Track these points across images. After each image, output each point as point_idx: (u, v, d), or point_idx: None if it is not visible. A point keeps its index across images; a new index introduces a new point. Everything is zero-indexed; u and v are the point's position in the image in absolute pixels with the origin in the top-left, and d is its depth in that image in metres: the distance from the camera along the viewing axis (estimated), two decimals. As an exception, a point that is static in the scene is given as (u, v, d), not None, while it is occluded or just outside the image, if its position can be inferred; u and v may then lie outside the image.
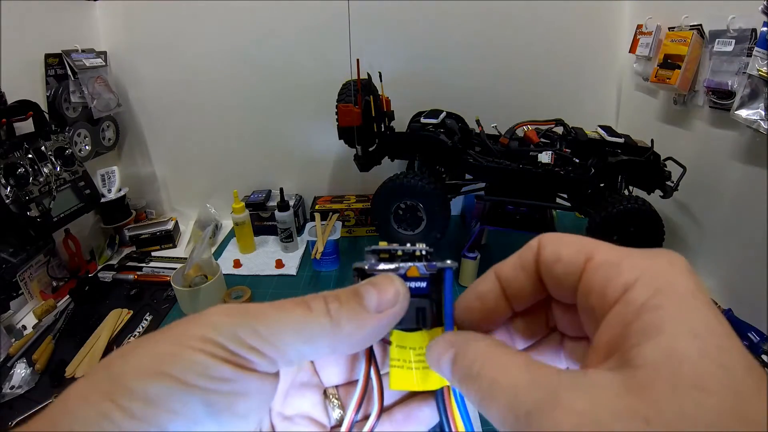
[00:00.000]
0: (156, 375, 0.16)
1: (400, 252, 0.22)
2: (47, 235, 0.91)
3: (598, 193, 0.86)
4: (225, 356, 0.17)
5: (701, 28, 0.82)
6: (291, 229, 1.10)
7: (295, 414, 0.22)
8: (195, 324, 0.17)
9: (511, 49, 1.13)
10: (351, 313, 0.19)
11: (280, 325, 0.18)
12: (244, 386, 0.17)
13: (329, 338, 0.19)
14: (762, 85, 0.67)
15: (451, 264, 0.21)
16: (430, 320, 0.22)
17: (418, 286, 0.21)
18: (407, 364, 0.21)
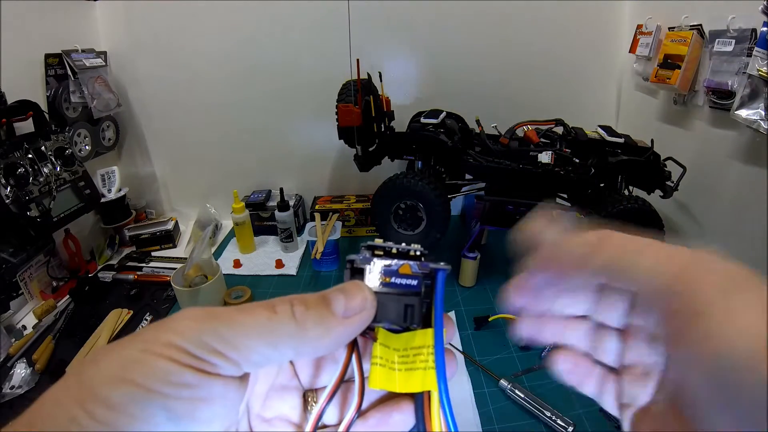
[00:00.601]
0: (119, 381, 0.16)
1: (395, 250, 0.22)
2: (47, 235, 0.91)
3: (598, 193, 0.86)
4: (188, 361, 0.17)
5: (701, 28, 0.82)
6: (291, 229, 1.10)
7: (274, 416, 0.22)
8: (162, 329, 0.18)
9: (511, 48, 1.13)
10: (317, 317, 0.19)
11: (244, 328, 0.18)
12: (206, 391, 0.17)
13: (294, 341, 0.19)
14: (762, 85, 0.67)
15: (445, 266, 0.22)
16: (418, 318, 0.22)
17: (409, 283, 0.22)
18: (390, 364, 0.21)
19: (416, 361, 0.21)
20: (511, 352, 0.79)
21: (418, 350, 0.22)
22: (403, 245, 0.23)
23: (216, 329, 0.18)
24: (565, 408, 0.66)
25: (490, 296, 0.93)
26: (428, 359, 0.21)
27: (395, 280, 0.22)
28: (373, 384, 0.21)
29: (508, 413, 0.67)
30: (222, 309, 0.19)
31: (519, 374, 0.73)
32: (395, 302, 0.22)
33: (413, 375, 0.21)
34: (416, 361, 0.21)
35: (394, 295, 0.22)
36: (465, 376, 0.73)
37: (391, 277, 0.22)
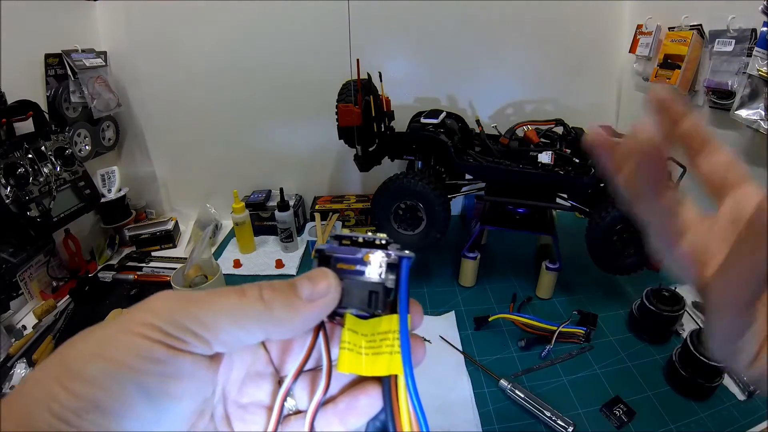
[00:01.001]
0: (95, 357, 0.17)
1: (362, 240, 0.23)
2: (47, 235, 0.91)
3: (598, 193, 0.86)
4: (160, 338, 0.18)
5: (701, 28, 0.82)
6: (291, 229, 1.10)
7: (249, 402, 0.23)
8: (137, 310, 0.19)
9: (511, 48, 1.13)
10: (284, 299, 0.20)
11: (214, 308, 0.19)
12: (177, 368, 0.19)
13: (262, 322, 0.20)
14: (762, 85, 0.67)
15: (409, 254, 0.23)
16: (382, 304, 0.22)
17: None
18: (357, 349, 0.22)
19: (382, 346, 0.22)
20: (511, 352, 0.79)
21: (384, 335, 0.22)
22: (369, 234, 0.23)
23: (188, 309, 0.19)
24: (565, 408, 0.66)
25: (490, 296, 0.93)
26: (394, 344, 0.22)
27: (360, 268, 0.23)
28: (341, 368, 0.22)
29: (508, 413, 0.67)
30: (195, 293, 0.20)
31: (519, 374, 0.73)
32: (360, 289, 0.22)
33: (379, 359, 0.22)
34: (382, 346, 0.22)
35: (358, 281, 0.22)
36: (465, 376, 0.73)
37: (357, 265, 0.23)
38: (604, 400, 0.68)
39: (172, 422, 0.19)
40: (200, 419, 0.22)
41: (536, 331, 0.79)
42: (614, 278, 0.96)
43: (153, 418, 0.18)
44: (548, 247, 1.00)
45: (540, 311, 0.88)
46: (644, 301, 0.79)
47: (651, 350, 0.78)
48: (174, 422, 0.19)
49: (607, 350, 0.79)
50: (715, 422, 0.64)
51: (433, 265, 1.05)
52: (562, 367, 0.75)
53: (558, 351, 0.78)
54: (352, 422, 0.23)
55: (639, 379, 0.72)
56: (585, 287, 0.95)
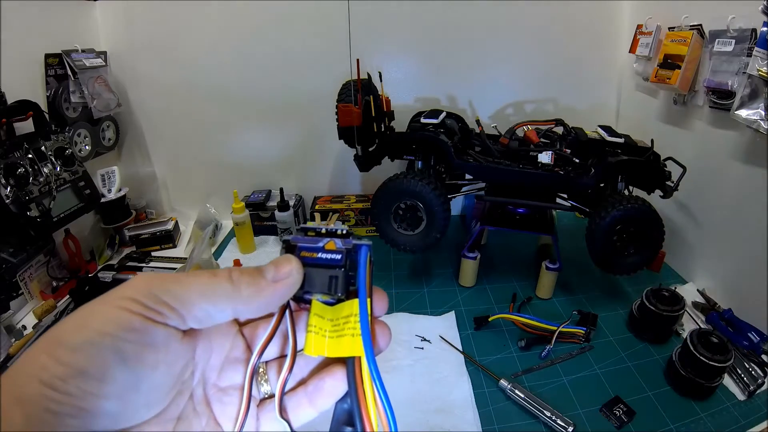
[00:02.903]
0: (80, 328, 0.20)
1: (324, 231, 0.26)
2: (47, 235, 0.91)
3: (598, 193, 0.86)
4: (137, 309, 0.20)
5: (701, 28, 0.82)
6: (291, 229, 1.10)
7: (228, 386, 0.25)
8: (122, 287, 0.21)
9: (511, 48, 1.13)
10: (250, 280, 0.23)
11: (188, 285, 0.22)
12: (152, 337, 0.21)
13: (230, 299, 0.22)
14: (762, 85, 0.67)
15: (366, 242, 0.25)
16: (341, 288, 0.24)
17: (333, 257, 0.24)
18: (322, 332, 0.24)
19: (345, 329, 0.23)
20: (511, 352, 0.79)
21: (346, 319, 0.24)
22: (331, 226, 0.26)
23: (164, 285, 0.21)
24: (565, 408, 0.66)
25: (490, 296, 0.93)
26: (355, 327, 0.23)
27: (321, 255, 0.25)
28: (308, 350, 0.23)
29: (508, 413, 0.67)
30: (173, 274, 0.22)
31: (519, 374, 0.73)
32: (321, 274, 0.24)
33: (342, 341, 0.23)
34: (345, 329, 0.23)
35: (320, 268, 0.24)
36: (465, 376, 0.73)
37: (318, 253, 0.25)
38: (604, 400, 0.68)
39: (149, 390, 0.21)
40: (179, 397, 0.23)
41: (536, 331, 0.80)
42: (614, 278, 0.97)
43: (131, 383, 0.20)
44: (548, 247, 1.00)
45: (540, 311, 0.88)
46: (644, 301, 0.80)
47: (651, 350, 0.78)
48: (151, 390, 0.21)
49: (607, 350, 0.79)
50: (715, 422, 0.64)
51: (433, 265, 1.05)
52: (562, 367, 0.75)
53: (558, 351, 0.78)
54: (320, 403, 0.25)
55: (639, 379, 0.72)
56: (585, 287, 0.95)
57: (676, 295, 0.79)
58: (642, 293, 0.81)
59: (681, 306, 0.78)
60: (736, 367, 0.71)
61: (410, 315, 0.87)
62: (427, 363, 0.76)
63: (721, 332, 0.72)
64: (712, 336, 0.68)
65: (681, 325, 0.82)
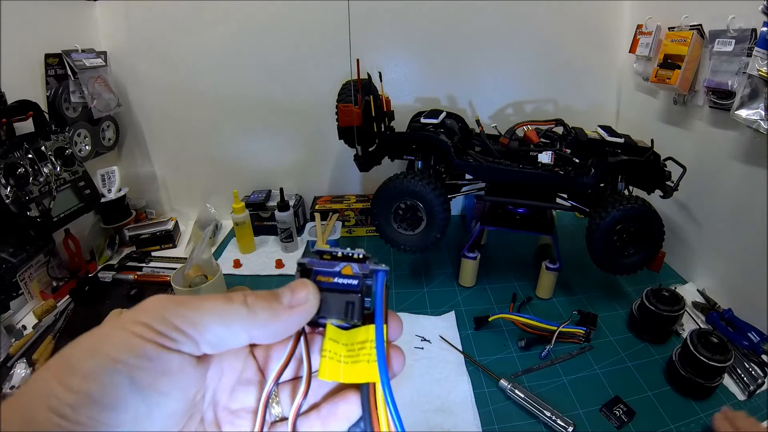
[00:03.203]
0: (91, 353, 0.19)
1: (340, 254, 0.25)
2: (47, 235, 0.91)
3: (598, 193, 0.86)
4: (151, 336, 0.20)
5: (701, 28, 0.82)
6: (291, 229, 1.10)
7: (239, 408, 0.25)
8: (134, 310, 0.21)
9: (511, 48, 1.13)
10: (266, 304, 0.22)
11: (202, 310, 0.21)
12: (165, 364, 0.20)
13: (246, 325, 0.22)
14: (762, 85, 0.67)
15: (384, 267, 0.24)
16: (358, 314, 0.24)
17: (350, 283, 0.24)
18: (337, 357, 0.23)
19: (360, 355, 0.23)
20: (511, 352, 0.79)
21: (362, 344, 0.23)
22: (348, 249, 0.25)
23: (177, 309, 0.21)
24: (565, 408, 0.66)
25: (490, 296, 0.93)
26: (371, 353, 0.23)
27: (338, 280, 0.24)
28: (322, 375, 0.23)
29: (508, 413, 0.67)
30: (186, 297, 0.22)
31: (519, 374, 0.73)
32: (337, 299, 0.24)
33: (357, 367, 0.23)
34: (360, 355, 0.23)
35: (336, 293, 0.24)
36: (465, 376, 0.73)
37: (334, 278, 0.24)
38: (604, 400, 0.68)
39: (162, 417, 0.20)
40: (190, 421, 0.23)
41: (536, 331, 0.79)
42: (614, 278, 0.97)
43: (144, 411, 0.19)
44: (548, 247, 1.00)
45: (540, 311, 0.88)
46: (644, 301, 0.80)
47: (651, 350, 0.78)
48: (164, 418, 0.20)
49: (607, 350, 0.79)
50: (715, 422, 0.64)
51: (433, 265, 1.05)
52: (562, 367, 0.75)
53: (558, 351, 0.78)
54: (333, 426, 0.24)
55: (639, 379, 0.72)
56: (585, 287, 0.95)
57: (676, 295, 0.79)
58: (642, 293, 0.81)
59: (681, 306, 0.78)
60: (736, 367, 0.71)
61: (410, 315, 0.87)
62: (427, 363, 0.76)
63: (721, 332, 0.72)
64: (712, 336, 0.68)
65: (681, 325, 0.82)
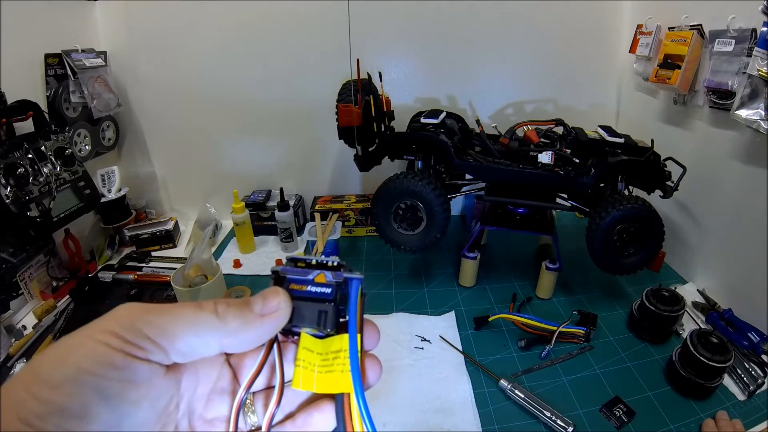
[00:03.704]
0: (59, 363, 0.19)
1: (315, 262, 0.25)
2: (47, 235, 0.91)
3: (598, 193, 0.86)
4: (119, 345, 0.20)
5: (701, 28, 0.82)
6: (291, 229, 1.10)
7: (214, 417, 0.24)
8: (103, 318, 0.21)
9: (511, 48, 1.13)
10: (237, 313, 0.22)
11: (172, 318, 0.21)
12: (134, 374, 0.20)
13: (216, 333, 0.22)
14: (762, 85, 0.67)
15: (359, 275, 0.24)
16: (331, 323, 0.23)
17: (323, 291, 0.24)
18: (311, 367, 0.23)
19: (334, 364, 0.23)
20: (511, 352, 0.79)
21: (336, 354, 0.23)
22: (322, 257, 0.25)
23: (146, 318, 0.20)
24: (565, 408, 0.66)
25: (490, 296, 0.93)
26: (345, 363, 0.22)
27: (311, 288, 0.24)
28: (295, 384, 0.23)
29: (508, 413, 0.67)
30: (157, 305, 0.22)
31: (519, 374, 0.73)
32: (310, 308, 0.24)
33: (331, 377, 0.23)
34: (334, 364, 0.23)
35: (309, 301, 0.24)
36: (465, 376, 0.73)
37: (308, 286, 0.24)
38: (604, 400, 0.68)
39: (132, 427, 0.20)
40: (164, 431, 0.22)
41: (536, 331, 0.79)
42: (614, 278, 0.97)
43: (113, 422, 0.19)
44: (548, 247, 1.00)
45: (540, 311, 0.88)
46: (644, 301, 0.80)
47: (651, 350, 0.78)
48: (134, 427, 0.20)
49: (607, 350, 0.79)
50: (715, 422, 0.64)
51: (433, 265, 1.05)
52: (562, 367, 0.75)
53: (558, 351, 0.78)
54: None
55: (639, 379, 0.72)
56: (585, 287, 0.95)
57: (676, 295, 0.79)
58: (642, 293, 0.81)
59: (681, 306, 0.78)
60: (736, 367, 0.71)
61: (410, 315, 0.87)
62: (427, 363, 0.76)
63: (721, 332, 0.72)
64: (712, 336, 0.68)
65: (681, 325, 0.82)
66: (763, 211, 0.74)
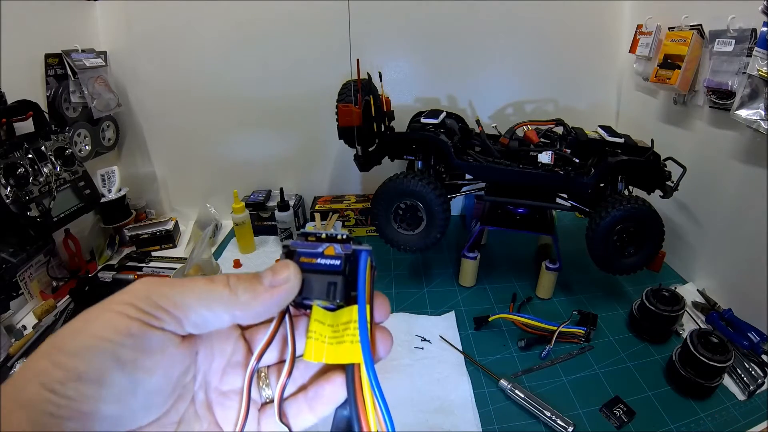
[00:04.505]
0: (78, 333, 0.20)
1: (324, 235, 0.25)
2: (47, 235, 0.91)
3: (598, 193, 0.86)
4: (135, 315, 0.21)
5: (701, 28, 0.82)
6: (291, 229, 1.10)
7: (230, 390, 0.26)
8: (120, 293, 0.22)
9: (511, 48, 1.13)
10: (247, 285, 0.23)
11: (185, 291, 0.22)
12: (149, 342, 0.21)
13: (228, 305, 0.22)
14: (762, 85, 0.67)
15: (366, 247, 0.24)
16: (340, 294, 0.24)
17: (332, 263, 0.24)
18: (322, 338, 0.24)
19: (344, 336, 0.23)
20: (511, 352, 0.79)
21: (345, 325, 0.23)
22: (332, 231, 0.25)
23: (162, 290, 0.22)
24: (565, 408, 0.66)
25: (490, 296, 0.93)
26: (354, 333, 0.23)
27: (320, 261, 0.24)
28: (307, 356, 0.23)
29: (508, 413, 0.67)
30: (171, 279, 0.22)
31: (519, 374, 0.73)
32: (320, 280, 0.24)
33: (341, 348, 0.23)
34: (344, 336, 0.23)
35: (319, 273, 0.24)
36: (465, 376, 0.73)
37: (317, 258, 0.24)
38: (604, 400, 0.68)
39: (145, 394, 0.21)
40: (180, 401, 0.24)
41: (536, 331, 0.80)
42: (614, 278, 0.97)
43: (128, 387, 0.20)
44: (548, 247, 1.00)
45: (540, 311, 0.88)
46: (644, 301, 0.80)
47: (651, 350, 0.78)
48: (148, 394, 0.21)
49: (607, 350, 0.79)
50: (715, 422, 0.64)
51: (433, 265, 1.05)
52: (562, 367, 0.75)
53: (558, 351, 0.78)
54: (319, 409, 0.25)
55: (639, 379, 0.72)
56: (585, 287, 0.95)
57: (676, 295, 0.79)
58: (642, 293, 0.81)
59: (681, 306, 0.78)
60: (736, 367, 0.71)
61: (410, 315, 0.87)
62: (427, 363, 0.76)
63: (721, 332, 0.72)
64: (712, 336, 0.68)
65: (681, 325, 0.82)
66: (763, 211, 0.74)
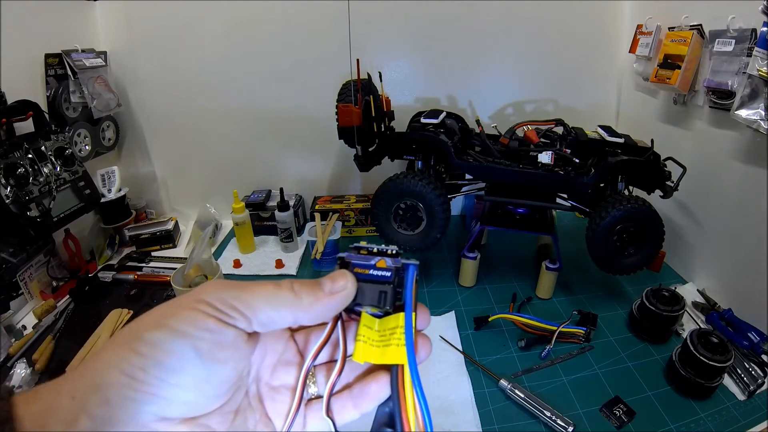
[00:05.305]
0: (158, 326, 0.22)
1: (376, 249, 0.29)
2: (47, 235, 0.91)
3: (598, 193, 0.86)
4: (211, 312, 0.23)
5: (701, 28, 0.82)
6: (291, 229, 1.10)
7: (280, 385, 0.28)
8: (195, 291, 0.24)
9: (511, 48, 1.13)
10: (310, 291, 0.26)
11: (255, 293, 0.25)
12: (223, 337, 0.23)
13: (292, 307, 0.25)
14: (762, 85, 0.67)
15: (414, 261, 0.28)
16: (390, 302, 0.27)
17: (383, 275, 0.27)
18: (370, 342, 0.26)
19: (391, 339, 0.26)
20: (511, 352, 0.79)
21: (392, 330, 0.26)
22: (382, 246, 0.29)
23: (233, 292, 0.24)
24: (565, 408, 0.66)
25: (490, 296, 0.93)
26: (400, 338, 0.25)
27: (373, 272, 0.27)
28: (356, 357, 0.26)
29: (508, 413, 0.67)
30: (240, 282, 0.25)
31: (519, 374, 0.73)
32: (372, 289, 0.27)
33: (388, 350, 0.25)
34: (391, 339, 0.26)
35: (371, 283, 0.27)
36: (465, 376, 0.73)
37: (370, 270, 0.27)
38: (604, 400, 0.68)
39: (218, 383, 0.24)
40: (238, 392, 0.26)
41: (536, 331, 0.80)
42: (614, 278, 0.97)
43: (204, 376, 0.23)
44: (548, 247, 1.00)
45: (540, 311, 0.88)
46: (644, 301, 0.80)
47: (651, 350, 0.78)
48: (219, 383, 0.24)
49: (607, 350, 0.79)
50: (715, 422, 0.64)
51: (433, 265, 1.05)
52: (562, 367, 0.75)
53: (558, 351, 0.78)
54: (363, 405, 0.28)
55: (639, 379, 0.72)
56: (585, 287, 0.95)
57: (676, 295, 0.79)
58: (642, 293, 0.81)
59: (681, 306, 0.78)
60: (736, 367, 0.71)
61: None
62: (427, 363, 0.75)
63: (721, 332, 0.72)
64: (712, 336, 0.68)
65: (681, 325, 0.82)
66: (763, 211, 0.74)
